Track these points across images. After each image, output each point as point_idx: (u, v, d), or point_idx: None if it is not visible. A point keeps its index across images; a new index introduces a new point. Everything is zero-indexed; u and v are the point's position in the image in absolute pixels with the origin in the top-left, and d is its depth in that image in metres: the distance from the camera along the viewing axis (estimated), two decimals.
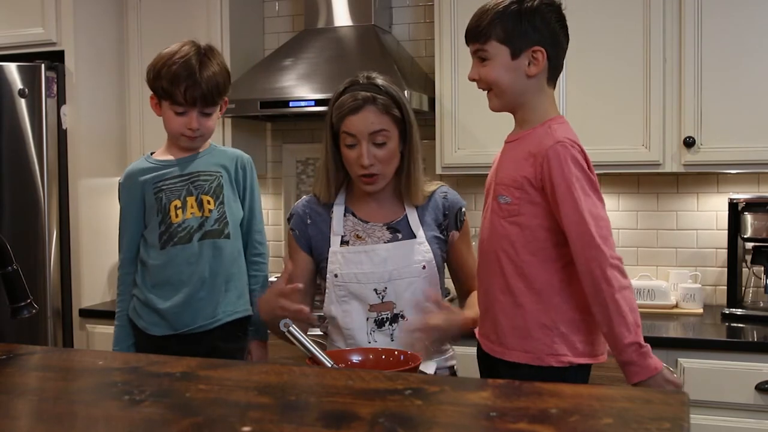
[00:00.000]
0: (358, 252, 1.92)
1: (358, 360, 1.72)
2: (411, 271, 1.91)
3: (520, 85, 1.72)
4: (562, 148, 1.65)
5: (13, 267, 1.54)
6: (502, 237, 1.72)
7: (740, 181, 3.00)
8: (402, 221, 1.96)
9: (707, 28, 2.71)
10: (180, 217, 2.02)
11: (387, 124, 1.88)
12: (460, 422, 1.05)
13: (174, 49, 2.03)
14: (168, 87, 1.99)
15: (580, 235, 1.63)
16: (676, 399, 1.09)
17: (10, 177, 3.12)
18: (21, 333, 3.05)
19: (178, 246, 2.01)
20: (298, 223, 2.01)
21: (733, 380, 2.45)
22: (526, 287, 1.70)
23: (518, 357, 1.71)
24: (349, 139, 1.88)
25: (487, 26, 1.71)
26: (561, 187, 1.64)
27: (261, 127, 3.60)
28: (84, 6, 3.23)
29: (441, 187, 2.04)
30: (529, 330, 1.69)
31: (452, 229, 2.01)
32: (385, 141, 1.88)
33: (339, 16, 3.23)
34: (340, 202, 1.99)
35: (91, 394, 1.25)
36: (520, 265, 1.70)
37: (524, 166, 1.70)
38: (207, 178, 2.05)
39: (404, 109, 1.91)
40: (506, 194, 1.72)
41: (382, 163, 1.89)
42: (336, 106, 1.91)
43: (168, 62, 2.00)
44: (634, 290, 2.91)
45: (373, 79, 1.91)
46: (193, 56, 2.00)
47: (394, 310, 1.90)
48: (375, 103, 1.87)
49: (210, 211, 2.03)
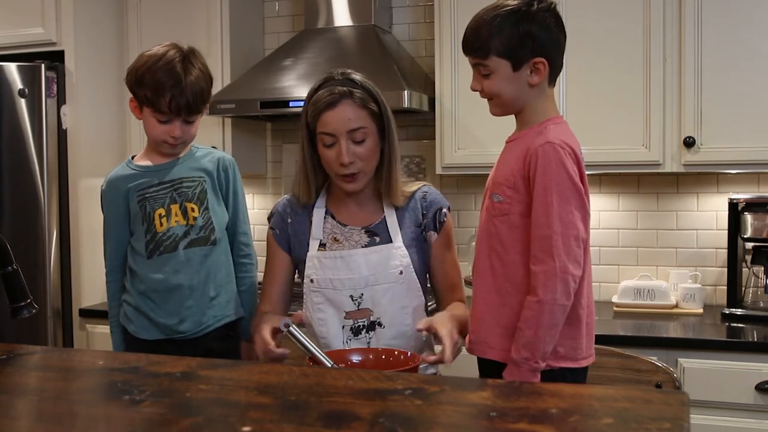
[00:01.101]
0: (334, 257, 1.88)
1: (358, 360, 1.72)
2: (388, 277, 1.86)
3: (522, 94, 1.71)
4: (550, 148, 1.63)
5: (13, 267, 1.54)
6: (493, 236, 1.71)
7: (740, 181, 3.00)
8: (380, 224, 1.91)
9: (707, 28, 2.71)
10: (165, 225, 1.99)
11: (365, 120, 1.83)
12: (460, 422, 1.05)
13: (157, 53, 1.96)
14: (152, 96, 1.93)
15: (540, 238, 1.62)
16: (676, 399, 1.09)
17: (10, 177, 3.12)
18: (21, 333, 3.05)
19: (164, 255, 1.99)
20: (279, 221, 1.97)
21: (733, 380, 2.45)
22: (512, 287, 1.68)
23: (499, 355, 1.69)
24: (328, 138, 1.83)
25: (485, 41, 1.67)
26: (539, 187, 1.62)
27: (261, 127, 3.60)
28: (84, 6, 3.23)
29: (423, 187, 1.97)
30: (512, 330, 1.67)
31: (430, 229, 1.93)
32: (364, 138, 1.83)
33: (339, 16, 3.23)
34: (321, 204, 1.94)
35: (91, 394, 1.25)
36: (508, 264, 1.69)
37: (516, 164, 1.69)
38: (190, 185, 2.02)
39: (381, 105, 1.86)
40: (499, 193, 1.71)
41: (363, 161, 1.83)
42: (311, 102, 1.85)
43: (152, 68, 1.93)
44: (634, 291, 2.96)
45: (349, 74, 1.87)
46: (177, 62, 1.94)
47: (370, 317, 1.86)
48: (352, 96, 1.82)
49: (195, 218, 2.00)
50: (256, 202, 3.63)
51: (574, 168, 1.64)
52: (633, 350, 2.02)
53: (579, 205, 1.64)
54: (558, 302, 1.60)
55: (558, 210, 1.61)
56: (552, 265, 1.60)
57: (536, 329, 1.60)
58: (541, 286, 1.60)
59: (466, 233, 3.27)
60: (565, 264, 1.60)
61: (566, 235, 1.61)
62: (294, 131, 3.59)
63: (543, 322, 1.60)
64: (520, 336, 1.63)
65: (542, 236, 1.61)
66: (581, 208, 1.65)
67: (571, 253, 1.61)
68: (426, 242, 1.94)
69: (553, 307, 1.60)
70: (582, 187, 1.65)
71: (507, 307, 1.69)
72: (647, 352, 2.24)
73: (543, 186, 1.62)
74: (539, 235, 1.62)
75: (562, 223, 1.61)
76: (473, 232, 3.26)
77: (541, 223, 1.62)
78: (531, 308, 1.62)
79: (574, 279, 1.61)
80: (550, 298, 1.59)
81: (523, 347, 1.62)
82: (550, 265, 1.60)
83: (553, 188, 1.61)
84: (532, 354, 1.61)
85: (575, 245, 1.62)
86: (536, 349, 1.61)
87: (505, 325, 1.69)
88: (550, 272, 1.60)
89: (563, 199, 1.62)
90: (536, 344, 1.61)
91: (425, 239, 1.94)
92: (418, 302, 1.90)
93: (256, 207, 3.62)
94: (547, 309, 1.60)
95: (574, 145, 1.67)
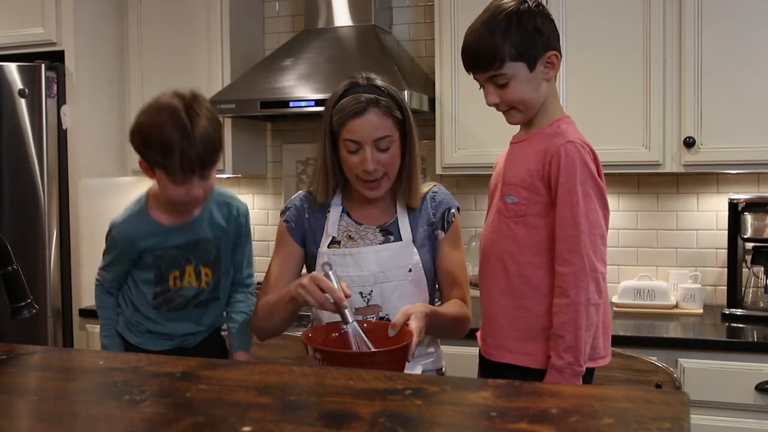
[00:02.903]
0: (344, 255, 1.89)
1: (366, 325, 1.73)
2: (397, 274, 1.88)
3: (542, 93, 1.70)
4: (573, 148, 1.63)
5: (13, 267, 1.54)
6: (507, 237, 1.70)
7: (740, 181, 3.00)
8: (394, 223, 1.94)
9: (707, 28, 2.71)
10: (178, 285, 1.98)
11: (390, 128, 1.84)
12: (460, 422, 1.05)
13: (158, 108, 1.81)
14: (162, 159, 1.78)
15: (567, 239, 1.61)
16: (676, 399, 1.09)
17: (10, 177, 3.12)
18: (21, 333, 3.05)
19: (171, 312, 2.00)
20: (295, 215, 1.97)
21: (733, 380, 2.45)
22: (529, 289, 1.68)
23: (519, 359, 1.69)
24: (352, 145, 1.84)
25: (496, 50, 1.64)
26: (564, 186, 1.62)
27: (261, 127, 3.60)
28: (84, 6, 3.24)
29: (433, 187, 2.00)
30: (531, 333, 1.68)
31: (438, 228, 1.95)
32: (389, 146, 1.84)
33: (339, 16, 3.23)
34: (337, 202, 1.96)
35: (92, 394, 1.25)
36: (524, 266, 1.68)
37: (533, 164, 1.67)
38: (206, 247, 1.98)
39: (405, 111, 1.88)
40: (513, 194, 1.70)
41: (386, 167, 1.85)
42: (336, 109, 1.85)
43: (155, 124, 1.78)
44: (634, 291, 2.96)
45: (373, 80, 1.87)
46: (181, 112, 1.77)
47: (379, 313, 1.88)
48: (378, 105, 1.83)
49: (207, 283, 2.00)
50: (256, 202, 3.63)
51: (594, 167, 1.65)
52: (633, 350, 2.02)
53: (602, 204, 1.65)
54: (592, 302, 1.60)
55: (584, 209, 1.61)
56: (581, 266, 1.60)
57: (576, 332, 1.60)
58: (572, 287, 1.60)
59: (466, 233, 3.27)
60: (594, 263, 1.61)
61: (593, 234, 1.61)
62: (294, 131, 3.59)
63: (581, 324, 1.60)
64: (559, 342, 1.61)
65: (569, 236, 1.61)
66: (604, 207, 1.66)
67: (598, 251, 1.62)
68: (437, 240, 1.96)
69: (588, 307, 1.60)
70: (603, 186, 1.66)
71: (524, 309, 1.68)
72: (647, 352, 2.24)
73: (568, 186, 1.62)
74: (566, 235, 1.62)
75: (588, 222, 1.61)
76: (474, 232, 3.26)
77: (568, 223, 1.61)
78: (566, 311, 1.61)
79: (603, 277, 1.62)
80: (584, 298, 1.59)
81: (564, 352, 1.60)
82: (579, 265, 1.60)
83: (578, 188, 1.61)
84: (575, 358, 1.60)
85: (601, 244, 1.63)
86: (578, 352, 1.60)
87: (522, 328, 1.69)
88: (580, 272, 1.60)
89: (588, 198, 1.62)
90: (577, 347, 1.60)
91: (436, 237, 1.96)
92: (426, 300, 1.91)
93: (256, 207, 3.62)
94: (583, 310, 1.60)
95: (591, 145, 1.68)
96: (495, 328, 1.73)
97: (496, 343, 1.73)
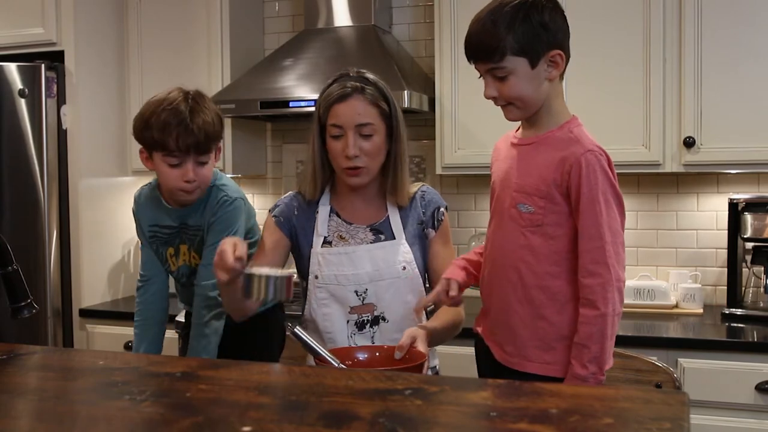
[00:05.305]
0: (339, 254, 1.90)
1: (364, 358, 1.71)
2: (391, 272, 1.89)
3: (543, 92, 1.65)
4: (593, 157, 1.61)
5: (13, 267, 1.54)
6: (523, 247, 1.67)
7: (740, 181, 3.00)
8: (385, 222, 1.94)
9: (707, 28, 2.71)
10: (175, 265, 2.10)
11: (374, 117, 1.86)
12: (460, 422, 1.05)
13: (161, 97, 1.95)
14: (159, 136, 1.90)
15: (592, 250, 1.61)
16: (676, 399, 1.09)
17: (10, 177, 3.12)
18: (21, 333, 3.05)
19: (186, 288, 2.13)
20: (285, 211, 1.97)
21: (733, 380, 2.45)
22: (548, 298, 1.66)
23: (539, 369, 1.67)
24: (336, 130, 1.86)
25: (497, 42, 1.59)
26: (586, 197, 1.60)
27: (261, 127, 3.60)
28: (84, 6, 3.23)
29: (421, 187, 2.01)
30: (550, 342, 1.66)
31: (428, 226, 1.96)
32: (372, 134, 1.85)
33: (339, 17, 3.23)
34: (325, 201, 1.96)
35: (92, 394, 1.25)
36: (542, 276, 1.66)
37: (548, 173, 1.64)
38: (196, 233, 2.06)
39: (392, 105, 1.89)
40: (528, 203, 1.66)
41: (368, 156, 1.86)
42: (324, 96, 1.90)
43: (156, 110, 1.91)
44: (634, 291, 2.95)
45: (363, 73, 1.91)
46: (181, 102, 1.92)
47: (374, 312, 1.88)
48: (363, 92, 1.85)
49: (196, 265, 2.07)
50: (256, 202, 3.63)
51: (611, 173, 1.64)
52: (633, 350, 2.02)
53: (621, 211, 1.65)
54: (617, 312, 1.61)
55: (606, 219, 1.61)
56: (608, 277, 1.60)
57: (602, 342, 1.60)
58: (600, 299, 1.59)
59: (466, 233, 3.27)
60: (618, 273, 1.61)
61: (615, 243, 1.62)
62: (294, 131, 3.59)
63: (607, 335, 1.60)
64: (584, 351, 1.60)
65: (594, 248, 1.60)
66: (622, 213, 1.66)
67: (621, 259, 1.63)
68: (427, 239, 1.97)
69: (614, 318, 1.61)
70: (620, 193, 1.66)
71: (543, 319, 1.67)
72: (647, 352, 2.23)
73: (590, 197, 1.60)
74: (591, 246, 1.61)
75: (611, 232, 1.61)
76: (473, 232, 3.26)
77: (592, 235, 1.61)
78: (594, 323, 1.60)
79: (624, 284, 1.63)
80: (611, 310, 1.60)
81: (589, 362, 1.60)
82: (606, 277, 1.60)
83: (600, 198, 1.61)
84: (599, 368, 1.60)
85: (622, 251, 1.63)
86: (603, 362, 1.61)
87: (542, 337, 1.67)
88: (608, 284, 1.60)
89: (609, 207, 1.62)
90: (602, 358, 1.60)
91: (426, 236, 1.97)
92: (420, 297, 1.91)
93: (256, 207, 3.60)
94: (610, 321, 1.60)
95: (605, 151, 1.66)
96: (514, 337, 1.71)
97: (518, 353, 1.71)
